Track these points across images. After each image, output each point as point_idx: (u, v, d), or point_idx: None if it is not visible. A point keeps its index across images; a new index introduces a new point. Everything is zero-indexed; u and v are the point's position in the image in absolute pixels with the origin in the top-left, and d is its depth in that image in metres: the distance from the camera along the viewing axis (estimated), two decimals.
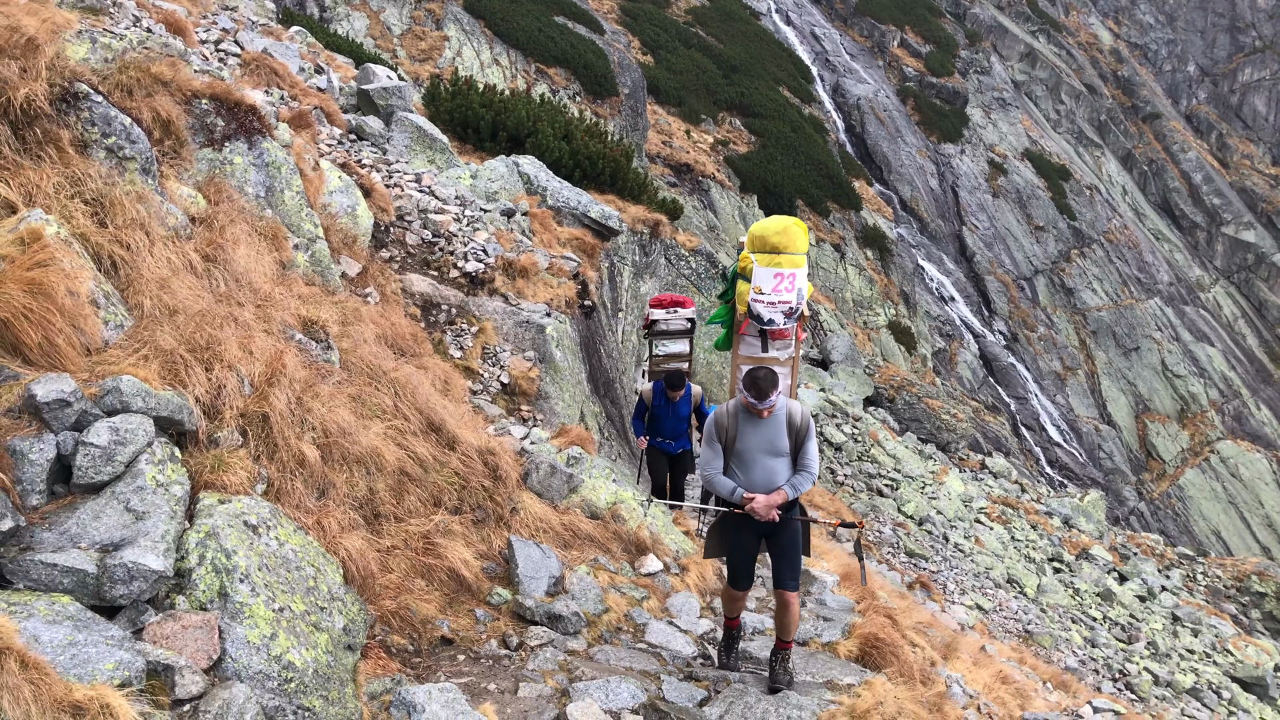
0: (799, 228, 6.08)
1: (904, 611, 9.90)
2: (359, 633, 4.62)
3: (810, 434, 5.75)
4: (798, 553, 5.85)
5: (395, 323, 8.15)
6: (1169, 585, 23.94)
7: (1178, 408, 43.53)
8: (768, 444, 5.69)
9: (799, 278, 6.11)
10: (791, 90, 40.32)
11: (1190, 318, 49.00)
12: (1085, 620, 19.47)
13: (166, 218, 5.93)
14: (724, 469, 5.81)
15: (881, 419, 26.07)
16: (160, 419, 4.36)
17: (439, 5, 28.60)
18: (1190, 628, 21.61)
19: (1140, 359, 43.84)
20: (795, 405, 5.77)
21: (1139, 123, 62.01)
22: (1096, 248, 46.84)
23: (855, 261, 34.22)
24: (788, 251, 6.09)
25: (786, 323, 6.12)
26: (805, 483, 5.73)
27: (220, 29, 11.97)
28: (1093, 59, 63.61)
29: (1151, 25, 71.98)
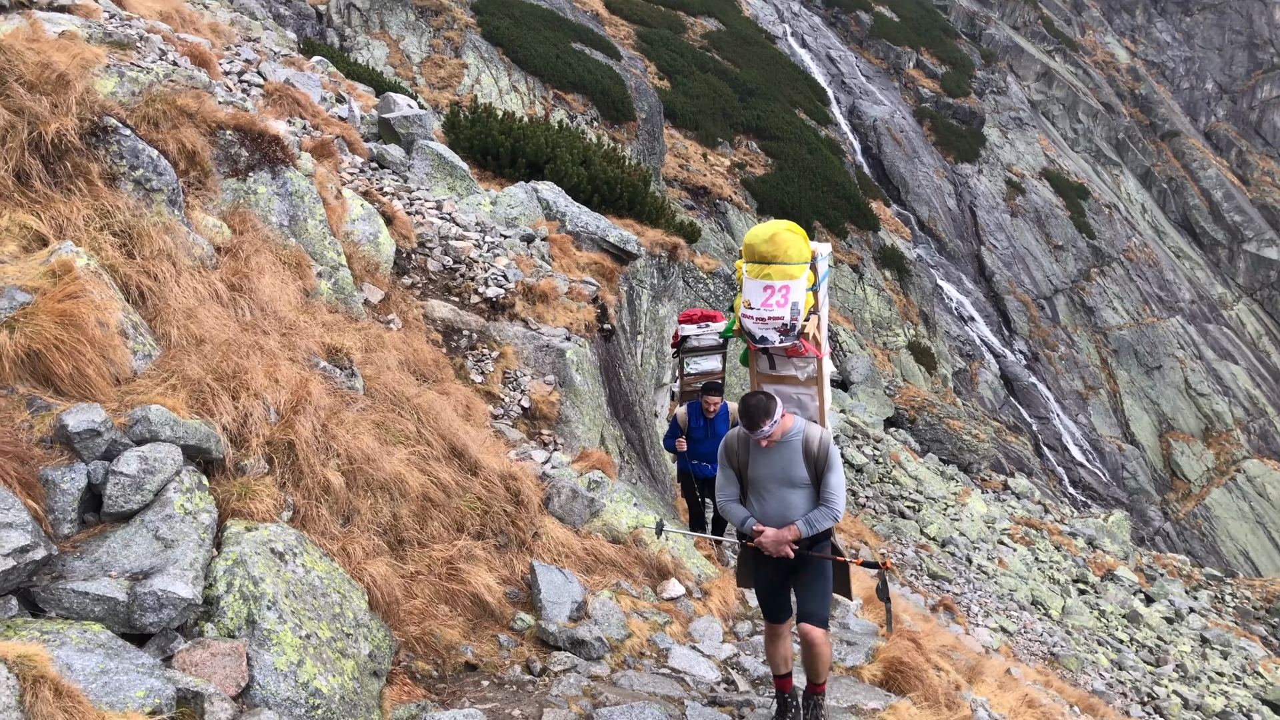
0: (792, 234, 5.31)
1: (928, 635, 9.83)
2: (384, 659, 4.64)
3: (832, 464, 5.25)
4: (823, 585, 5.40)
5: (417, 349, 8.21)
6: (1197, 607, 23.66)
7: (1202, 427, 43.14)
8: (781, 473, 5.27)
9: (793, 290, 5.28)
10: (808, 113, 40.45)
11: (1213, 336, 48.64)
12: (1112, 642, 19.27)
13: (193, 248, 6.02)
14: (742, 496, 5.49)
15: (903, 440, 25.97)
16: (188, 447, 4.41)
17: (457, 33, 28.89)
18: (1219, 650, 21.34)
19: (1163, 378, 43.52)
20: (815, 431, 5.26)
21: (1157, 141, 61.82)
22: (1116, 266, 46.63)
23: (874, 282, 34.18)
24: (777, 261, 5.28)
25: (782, 340, 5.32)
26: (823, 519, 5.24)
27: (243, 60, 12.14)
28: (1109, 77, 63.54)
29: (1168, 43, 71.87)
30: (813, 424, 5.36)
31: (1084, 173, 51.73)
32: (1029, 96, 54.89)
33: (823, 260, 5.49)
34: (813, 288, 5.32)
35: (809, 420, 5.52)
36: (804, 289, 5.28)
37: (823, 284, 5.54)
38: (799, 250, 5.28)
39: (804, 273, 5.29)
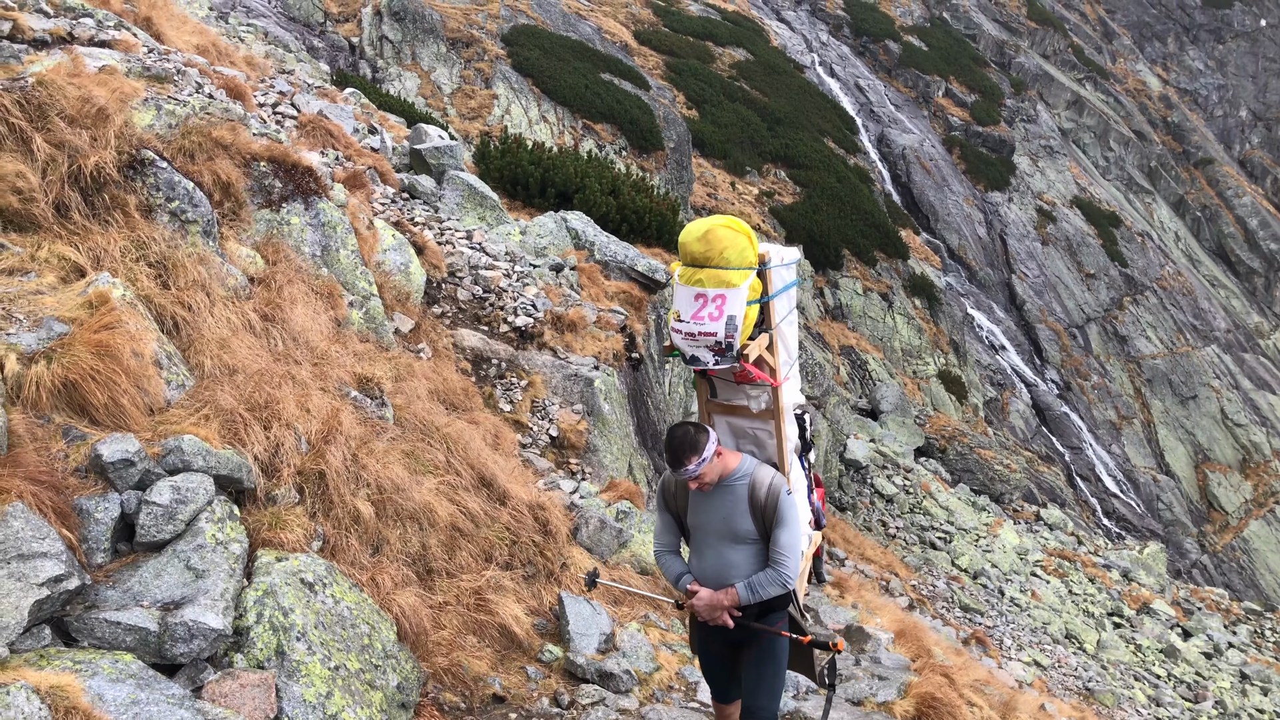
0: (732, 232, 4.25)
1: (960, 669, 9.71)
2: (412, 690, 4.63)
3: (783, 518, 4.30)
4: (773, 670, 4.49)
5: (447, 378, 8.24)
6: (1236, 641, 23.20)
7: (1239, 457, 42.47)
8: (721, 524, 4.40)
9: (730, 301, 4.19)
10: (836, 141, 40.49)
11: (1250, 365, 47.98)
12: (1148, 678, 18.91)
13: (226, 278, 6.08)
14: (687, 545, 4.66)
15: (933, 470, 25.75)
16: (220, 477, 4.44)
17: (488, 64, 29.20)
18: (1260, 686, 20.88)
19: (1198, 407, 42.94)
20: (766, 476, 4.36)
21: (1190, 168, 61.34)
22: (1150, 295, 46.18)
23: (903, 310, 34.04)
24: (710, 264, 4.23)
25: (717, 362, 4.25)
26: (769, 585, 4.31)
27: (278, 92, 12.33)
28: (1141, 105, 63.22)
29: (1201, 71, 71.46)
30: (765, 467, 4.43)
31: (1116, 201, 51.39)
32: (1059, 124, 54.68)
33: (784, 268, 4.56)
34: (761, 299, 4.33)
35: (766, 462, 4.61)
36: (744, 300, 4.21)
37: (782, 297, 4.55)
38: (739, 252, 4.24)
39: (746, 280, 4.23)
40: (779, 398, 4.50)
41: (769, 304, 4.41)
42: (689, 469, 4.20)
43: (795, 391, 4.74)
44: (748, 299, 4.22)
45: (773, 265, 4.38)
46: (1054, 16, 63.61)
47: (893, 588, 15.97)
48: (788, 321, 4.64)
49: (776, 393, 4.49)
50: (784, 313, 4.58)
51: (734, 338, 4.18)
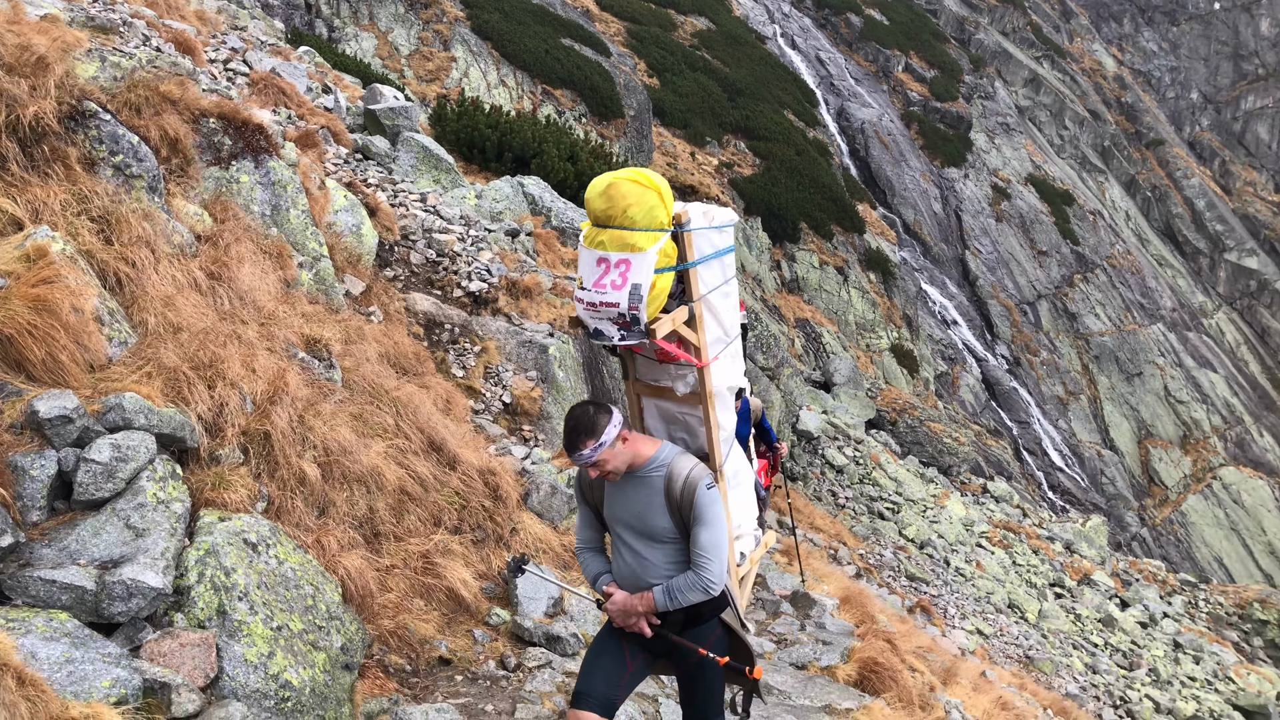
0: (638, 187, 3.63)
1: (904, 636, 9.88)
2: (357, 652, 4.62)
3: (702, 515, 3.72)
4: (705, 686, 3.99)
5: (398, 342, 8.18)
6: (1171, 612, 23.84)
7: (1180, 434, 43.46)
8: (636, 519, 3.86)
9: (635, 268, 3.58)
10: (796, 114, 40.50)
11: (1193, 344, 48.99)
12: (1086, 646, 19.39)
13: (172, 235, 5.97)
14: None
15: (883, 442, 26.06)
16: (162, 436, 4.38)
17: (447, 26, 28.80)
18: (1192, 655, 21.51)
19: (1143, 384, 43.81)
20: (684, 466, 3.77)
21: (1142, 149, 62.21)
22: (1099, 273, 46.90)
23: (858, 284, 34.28)
24: (613, 224, 3.64)
25: (623, 337, 3.66)
26: (689, 590, 3.76)
27: (229, 48, 12.07)
28: (1096, 85, 63.88)
29: (1155, 52, 72.31)
30: (687, 457, 3.85)
31: (1069, 179, 52.01)
32: (1016, 102, 55.13)
33: (711, 231, 3.94)
34: (676, 267, 3.75)
35: (696, 452, 4.08)
36: (651, 266, 3.60)
37: (712, 265, 3.97)
38: (646, 211, 3.62)
39: (655, 244, 3.61)
40: (706, 380, 3.95)
41: (689, 272, 3.83)
42: (583, 454, 3.67)
43: (732, 374, 4.18)
44: (659, 266, 3.65)
45: (693, 227, 3.80)
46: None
47: (841, 556, 16.19)
48: (720, 293, 4.06)
49: (703, 374, 3.95)
50: (714, 283, 4.01)
51: (639, 309, 3.59)
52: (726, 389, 4.15)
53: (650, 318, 3.65)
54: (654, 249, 3.61)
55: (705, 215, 3.90)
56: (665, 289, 3.71)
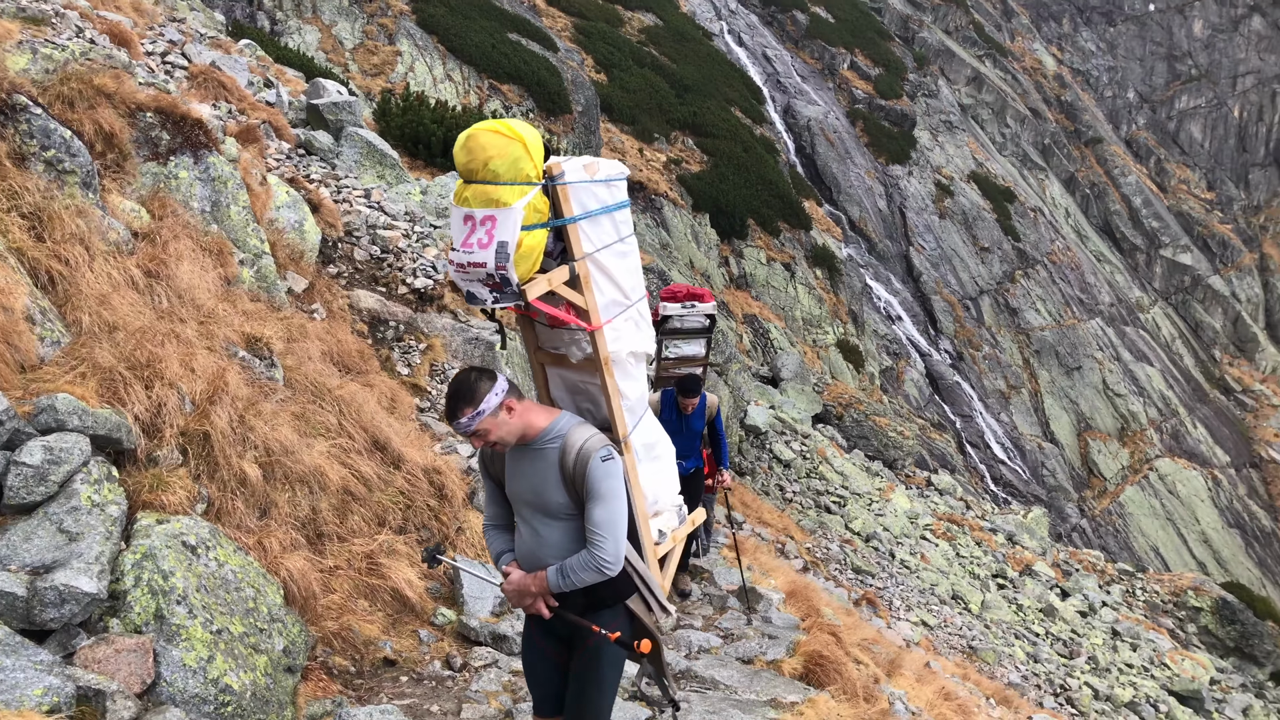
0: (498, 136, 3.41)
1: (850, 629, 9.99)
2: (299, 654, 4.57)
3: (595, 489, 3.54)
4: (596, 678, 3.77)
5: (341, 339, 8.09)
6: (1109, 601, 24.36)
7: (1118, 426, 44.41)
8: (532, 494, 3.70)
9: (500, 224, 3.35)
10: (743, 111, 40.68)
11: (1130, 338, 50.08)
12: (1028, 636, 19.75)
13: (108, 232, 5.85)
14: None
15: (830, 436, 26.31)
16: (97, 438, 4.29)
17: (391, 20, 28.50)
18: (1129, 642, 22.00)
19: (1082, 378, 44.68)
20: (579, 438, 3.60)
21: (1081, 147, 63.41)
22: (1040, 269, 47.73)
23: (805, 280, 34.54)
24: (476, 179, 3.43)
25: (496, 299, 3.46)
26: (582, 570, 3.58)
27: (167, 41, 11.84)
28: (1037, 84, 64.96)
29: (1093, 52, 73.71)
30: (584, 428, 3.66)
31: (1011, 176, 52.86)
32: (959, 100, 55.88)
33: (594, 184, 3.69)
34: (550, 223, 3.52)
35: (601, 422, 3.89)
36: (517, 223, 3.36)
37: (601, 220, 3.73)
38: (510, 163, 3.39)
39: (521, 198, 3.39)
40: (599, 344, 3.73)
41: (569, 229, 3.59)
42: (461, 422, 3.48)
43: (636, 340, 3.92)
44: (528, 222, 3.41)
45: (569, 181, 3.55)
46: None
47: (788, 550, 16.32)
48: (614, 253, 3.80)
49: (595, 338, 3.72)
50: (604, 241, 3.75)
51: (506, 269, 3.36)
52: (629, 355, 3.89)
53: (523, 278, 3.44)
54: (520, 204, 3.37)
55: (587, 168, 3.66)
56: (536, 247, 3.47)
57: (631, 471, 3.87)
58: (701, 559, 10.07)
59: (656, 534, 4.08)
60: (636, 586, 3.86)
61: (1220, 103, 73.80)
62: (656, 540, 4.07)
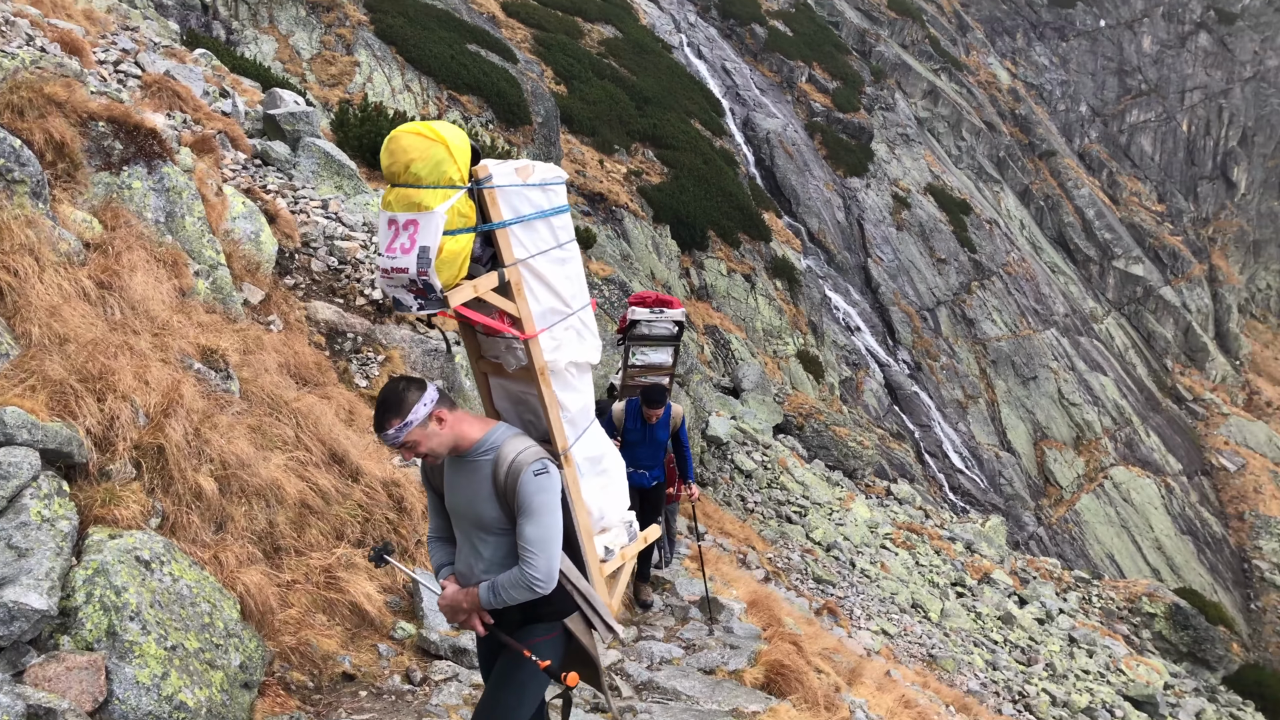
0: (420, 139, 3.33)
1: (811, 638, 10.03)
2: (256, 670, 4.51)
3: (527, 505, 3.44)
4: (510, 695, 3.66)
5: (299, 351, 8.01)
6: (1066, 608, 24.66)
7: (1074, 435, 45.01)
8: (467, 507, 3.62)
9: (422, 228, 3.27)
10: (703, 123, 40.88)
11: (1085, 348, 50.82)
12: (987, 644, 19.93)
13: (58, 243, 5.76)
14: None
15: (791, 446, 26.43)
16: (47, 451, 4.22)
17: (349, 30, 28.35)
18: (1086, 649, 22.27)
19: (1038, 388, 45.26)
20: (513, 450, 3.50)
21: (1035, 159, 64.36)
22: (996, 280, 48.34)
23: (765, 292, 34.73)
24: (399, 181, 3.36)
25: (420, 306, 3.37)
26: (512, 588, 3.49)
27: (120, 50, 11.70)
28: (992, 97, 65.91)
29: (1046, 66, 74.92)
30: (520, 440, 3.57)
31: (967, 189, 53.53)
32: (916, 113, 56.54)
33: (529, 189, 3.59)
34: (475, 229, 3.42)
35: (541, 435, 3.78)
36: (439, 227, 3.27)
37: (536, 225, 3.63)
38: (433, 166, 3.30)
39: (444, 202, 3.30)
40: (534, 353, 3.63)
41: (498, 234, 3.49)
42: (389, 434, 3.41)
43: (577, 350, 3.82)
44: (453, 226, 3.33)
45: (497, 184, 3.45)
46: (913, 8, 65.65)
47: (750, 560, 16.36)
48: (551, 259, 3.70)
49: (529, 347, 3.63)
50: (539, 247, 3.65)
51: (429, 274, 3.27)
52: (570, 365, 3.79)
53: (448, 284, 3.34)
54: (442, 207, 3.29)
55: (519, 171, 3.57)
56: (460, 252, 3.37)
57: (573, 486, 3.76)
58: (664, 570, 10.07)
59: (603, 551, 3.96)
60: (577, 605, 3.76)
61: (1170, 117, 75.31)
62: (603, 558, 3.95)
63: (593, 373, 3.96)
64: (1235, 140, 76.73)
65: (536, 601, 3.59)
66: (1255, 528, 48.74)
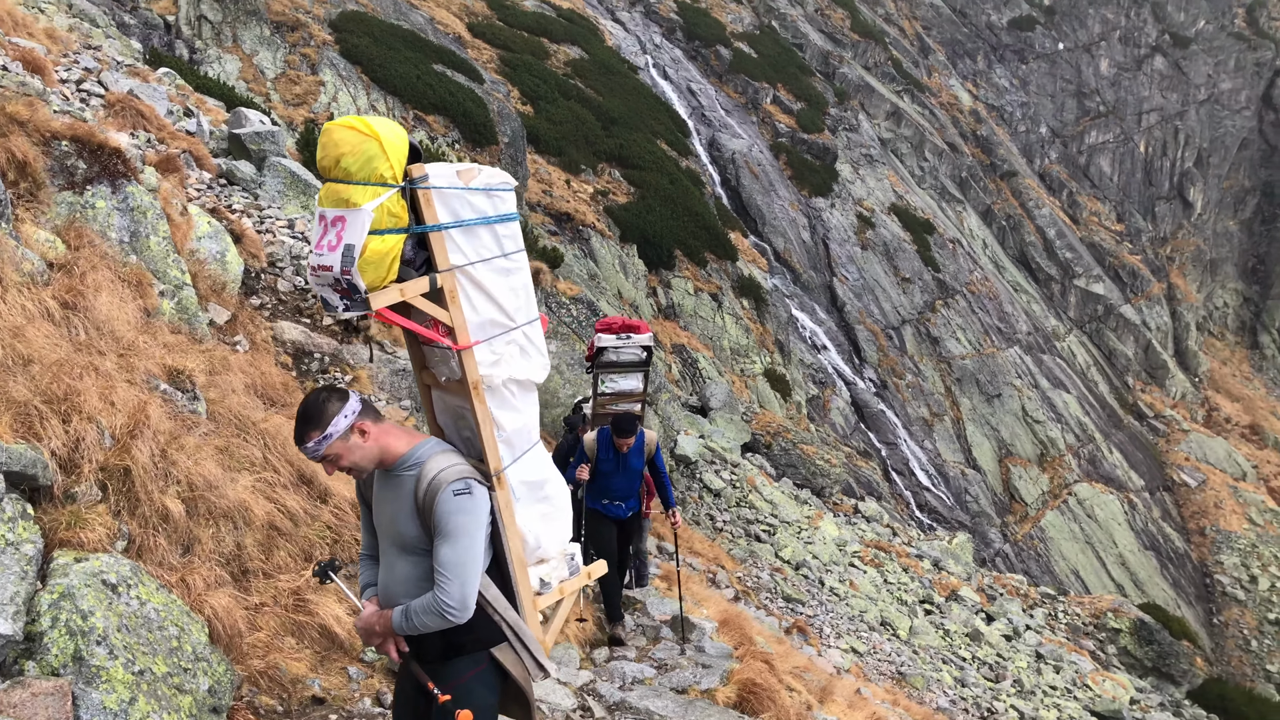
0: (352, 133, 3.19)
1: (782, 656, 10.04)
2: (225, 694, 4.44)
3: (444, 526, 3.27)
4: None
5: (265, 372, 7.94)
6: (1033, 624, 24.83)
7: (1038, 452, 45.47)
8: (389, 524, 3.45)
9: (349, 226, 3.13)
10: (669, 143, 41.09)
11: (1048, 366, 51.42)
12: (955, 661, 20.02)
13: (21, 263, 5.69)
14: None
15: (759, 465, 26.49)
16: (11, 474, 4.15)
17: (314, 50, 28.27)
18: (1053, 665, 22.43)
19: (1002, 405, 45.72)
20: (436, 466, 3.34)
21: (997, 180, 65.24)
22: (960, 298, 48.85)
23: (732, 311, 34.88)
24: (331, 177, 3.23)
25: (347, 307, 3.24)
26: (425, 615, 3.29)
27: (83, 68, 11.60)
28: (954, 118, 66.79)
29: (1006, 88, 76.08)
30: (446, 456, 3.41)
31: (930, 208, 54.13)
32: (879, 134, 57.16)
33: (470, 193, 3.44)
34: (407, 230, 3.28)
35: (477, 452, 3.58)
36: (366, 226, 3.12)
37: (477, 231, 3.46)
38: (364, 162, 3.16)
39: (372, 200, 3.15)
40: (467, 366, 3.45)
41: (432, 238, 3.35)
42: (309, 447, 3.25)
43: (519, 365, 3.64)
44: (382, 226, 3.18)
45: (433, 185, 3.31)
46: (876, 30, 66.47)
47: (719, 579, 16.35)
48: (494, 268, 3.53)
49: (463, 358, 3.45)
50: (480, 254, 3.48)
51: (351, 274, 3.12)
52: (511, 382, 3.60)
53: (372, 285, 3.19)
54: (370, 205, 3.14)
55: (461, 174, 3.41)
56: (387, 253, 3.20)
57: (505, 510, 3.53)
58: (635, 590, 10.05)
59: (538, 583, 3.72)
60: (504, 636, 3.54)
61: (1127, 138, 76.67)
62: (538, 591, 3.72)
63: (564, 391, 3.87)
64: (1191, 161, 78.25)
65: (458, 629, 3.37)
66: (1216, 543, 49.43)
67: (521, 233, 3.67)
